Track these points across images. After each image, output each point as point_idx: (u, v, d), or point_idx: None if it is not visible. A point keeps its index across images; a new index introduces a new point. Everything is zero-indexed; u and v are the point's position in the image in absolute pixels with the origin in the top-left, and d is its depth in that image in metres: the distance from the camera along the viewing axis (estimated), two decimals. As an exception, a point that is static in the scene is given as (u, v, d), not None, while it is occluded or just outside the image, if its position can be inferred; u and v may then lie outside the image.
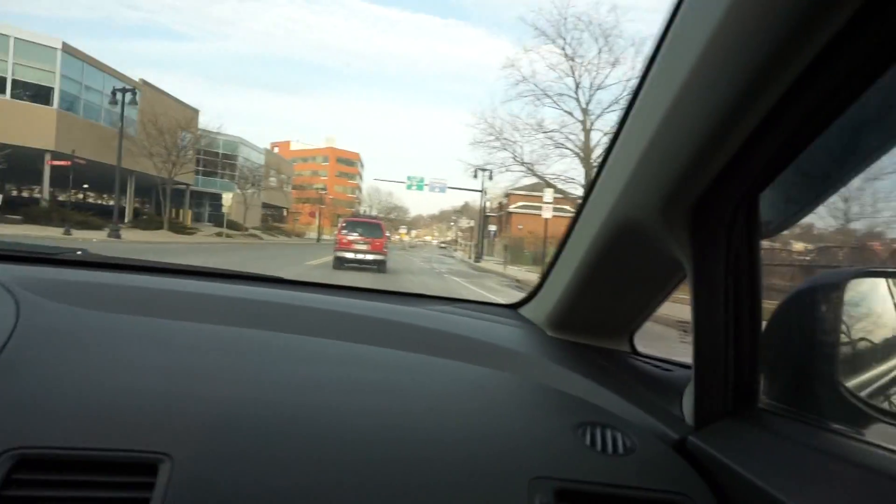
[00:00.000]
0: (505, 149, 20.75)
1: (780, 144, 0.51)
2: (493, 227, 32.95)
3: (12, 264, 0.81)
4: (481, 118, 23.26)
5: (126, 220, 24.33)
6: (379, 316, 0.84)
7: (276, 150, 72.04)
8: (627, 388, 0.73)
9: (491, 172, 25.31)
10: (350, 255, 12.34)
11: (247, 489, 0.47)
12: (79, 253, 0.96)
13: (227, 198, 27.02)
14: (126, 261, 0.96)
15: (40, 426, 0.48)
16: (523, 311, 1.03)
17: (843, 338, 0.58)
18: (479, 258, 27.32)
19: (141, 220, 24.42)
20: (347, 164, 78.31)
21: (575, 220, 0.81)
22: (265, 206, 42.26)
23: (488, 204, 29.78)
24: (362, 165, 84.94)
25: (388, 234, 14.82)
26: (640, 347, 0.91)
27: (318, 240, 39.61)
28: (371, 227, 13.19)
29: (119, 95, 18.95)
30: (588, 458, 0.59)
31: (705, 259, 0.60)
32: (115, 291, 0.76)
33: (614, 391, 0.71)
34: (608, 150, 0.69)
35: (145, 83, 26.03)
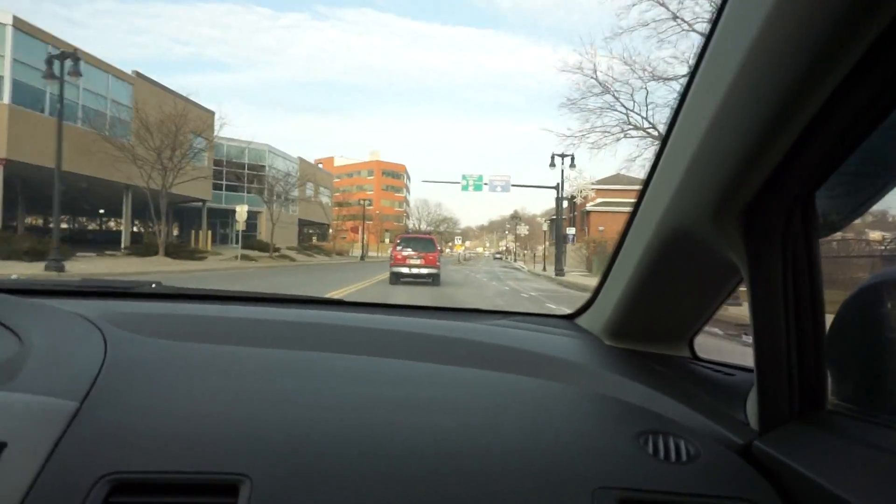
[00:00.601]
0: (613, 107, 14.11)
1: (834, 139, 0.50)
2: (570, 231, 26.00)
3: (95, 300, 0.89)
4: (579, 64, 14.49)
5: (123, 246, 20.92)
6: (435, 333, 0.86)
7: (320, 166, 69.15)
8: (689, 394, 0.72)
9: (573, 158, 19.15)
10: (405, 270, 12.64)
11: None
12: (153, 286, 1.03)
13: (241, 212, 22.75)
14: (197, 291, 1.05)
15: (131, 453, 0.53)
16: (580, 321, 1.03)
17: None
18: (560, 270, 21.10)
19: (140, 245, 19.93)
20: (393, 176, 75.94)
21: (627, 228, 0.80)
22: (302, 222, 38.89)
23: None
24: (408, 178, 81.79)
25: (439, 247, 15.09)
26: (701, 353, 0.89)
27: (363, 257, 37.17)
28: (424, 243, 13.49)
29: (56, 65, 11.94)
30: (651, 466, 0.58)
31: (761, 261, 0.59)
32: (189, 321, 0.82)
33: (675, 398, 0.70)
34: (658, 157, 0.68)
35: (139, 75, 21.58)
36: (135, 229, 26.98)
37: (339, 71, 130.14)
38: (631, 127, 14.53)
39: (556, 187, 21.62)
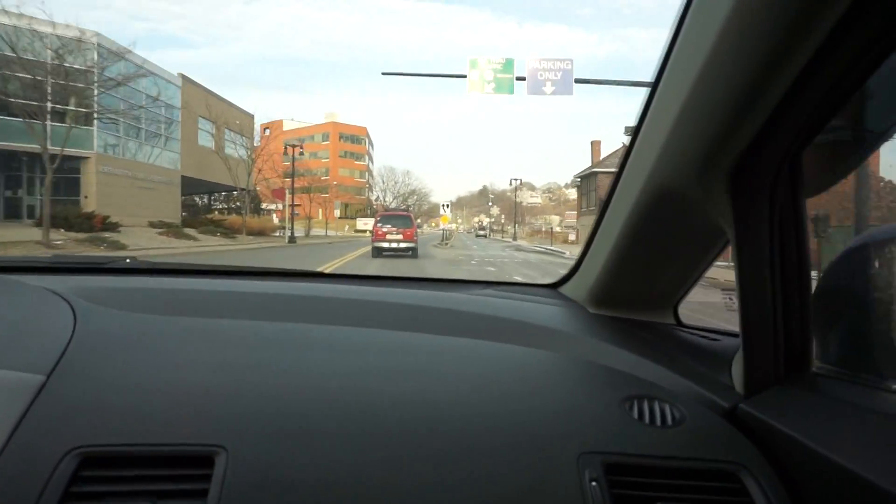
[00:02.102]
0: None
1: (821, 97, 0.53)
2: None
3: (67, 275, 0.92)
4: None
5: None
6: (419, 303, 0.91)
7: (266, 132, 66.84)
8: (674, 359, 0.77)
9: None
10: (386, 245, 15.19)
11: (299, 473, 0.55)
12: (127, 261, 1.08)
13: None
14: (171, 265, 1.10)
15: (102, 425, 0.56)
16: (564, 289, 1.10)
17: None
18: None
19: None
20: (352, 141, 69.19)
21: (612, 192, 0.84)
22: (192, 183, 28.37)
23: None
24: (371, 144, 74.85)
25: (415, 224, 17.20)
26: (685, 318, 0.96)
27: (292, 239, 25.43)
28: (402, 219, 16.03)
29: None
30: (637, 431, 0.63)
31: (748, 223, 0.63)
32: (163, 295, 0.86)
33: (660, 363, 0.76)
34: (642, 116, 0.71)
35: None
36: None
37: (303, 47, 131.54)
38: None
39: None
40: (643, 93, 0.72)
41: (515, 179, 44.99)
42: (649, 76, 0.68)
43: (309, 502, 0.53)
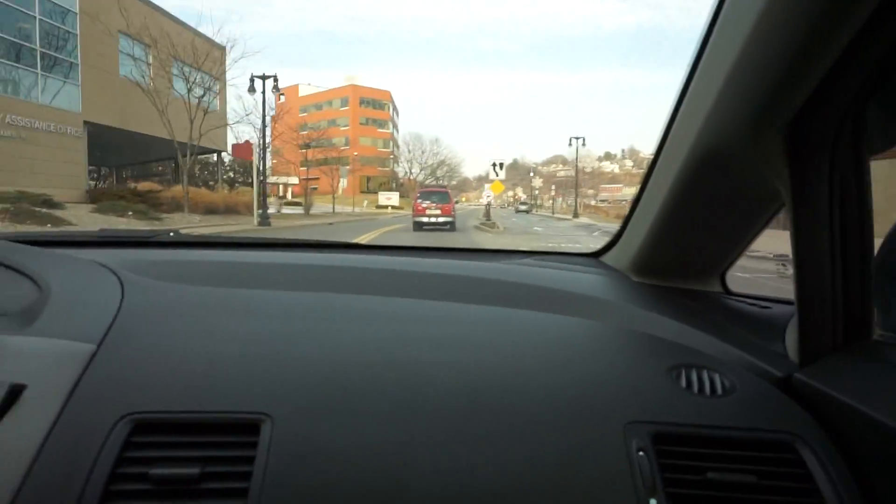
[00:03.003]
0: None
1: (888, 48, 0.52)
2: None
3: (114, 249, 1.01)
4: None
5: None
6: (459, 273, 0.95)
7: (282, 97, 67.10)
8: (722, 328, 0.79)
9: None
10: (426, 219, 17.39)
11: (342, 442, 0.58)
12: (171, 234, 1.18)
13: None
14: (214, 237, 1.18)
15: (151, 393, 0.61)
16: (606, 258, 1.13)
17: None
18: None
19: None
20: (375, 106, 65.96)
21: (657, 155, 0.85)
22: (117, 138, 20.33)
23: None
24: (395, 110, 71.17)
25: (453, 199, 19.81)
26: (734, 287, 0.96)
27: (264, 220, 17.55)
28: (440, 195, 18.42)
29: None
30: (685, 400, 0.65)
31: (806, 184, 0.63)
32: (207, 267, 0.93)
33: (708, 332, 0.77)
34: (691, 73, 0.71)
35: None
36: None
37: (331, 21, 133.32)
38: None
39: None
40: (681, 65, 0.71)
41: (577, 138, 36.70)
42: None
43: (354, 472, 0.56)
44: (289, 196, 54.00)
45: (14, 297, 0.76)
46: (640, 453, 0.59)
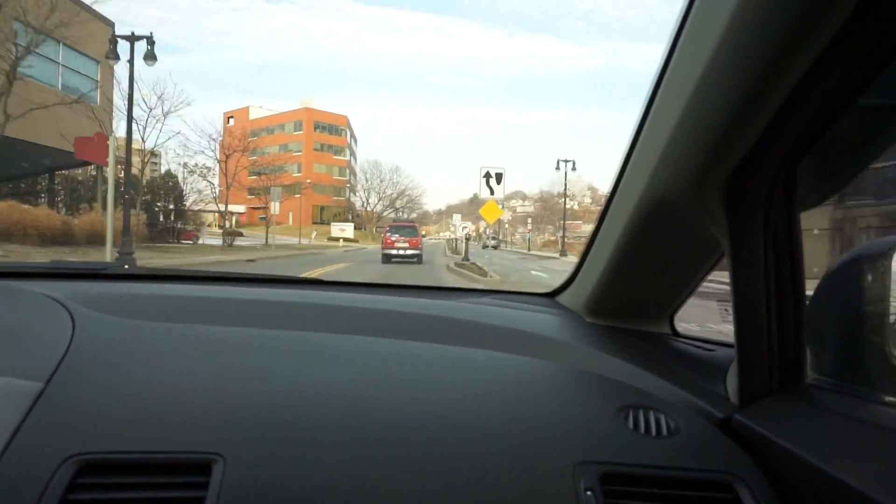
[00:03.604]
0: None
1: (816, 111, 0.59)
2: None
3: (65, 281, 1.00)
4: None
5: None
6: (415, 311, 0.99)
7: (230, 120, 66.42)
8: (669, 369, 0.84)
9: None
10: (394, 252, 18.81)
11: (296, 481, 0.59)
12: (126, 267, 1.22)
13: None
14: (168, 271, 1.23)
15: (100, 432, 0.61)
16: (560, 298, 1.20)
17: (893, 307, 0.65)
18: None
19: None
20: (331, 131, 65.06)
21: (610, 200, 0.91)
22: None
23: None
24: (353, 137, 70.76)
25: (422, 233, 21.64)
26: (681, 329, 1.04)
27: (125, 255, 11.98)
28: (408, 230, 20.08)
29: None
30: (632, 441, 0.70)
31: (743, 235, 0.69)
32: (161, 301, 0.94)
33: (656, 373, 0.82)
34: (639, 128, 0.78)
35: None
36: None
37: (294, 55, 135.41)
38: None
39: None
40: (638, 106, 0.77)
41: (565, 161, 31.89)
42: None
43: None
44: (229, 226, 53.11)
45: None
46: (588, 493, 0.62)
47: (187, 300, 0.98)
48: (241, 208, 58.80)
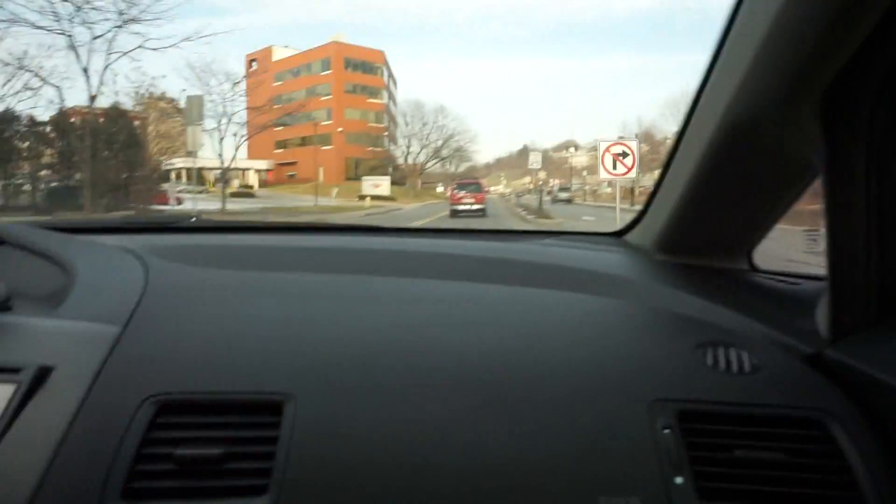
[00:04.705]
0: None
1: None
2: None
3: (140, 234, 1.11)
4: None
5: None
6: (480, 254, 1.03)
7: (253, 64, 62.61)
8: (750, 305, 0.85)
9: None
10: (461, 207, 22.65)
11: (365, 421, 0.64)
12: (193, 220, 1.30)
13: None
14: (235, 223, 1.41)
15: (175, 374, 0.68)
16: (629, 237, 1.21)
17: None
18: None
19: None
20: (364, 69, 56.76)
21: (684, 129, 0.91)
22: None
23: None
24: (392, 78, 61.74)
25: (485, 189, 25.99)
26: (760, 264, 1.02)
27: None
28: (475, 185, 24.46)
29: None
30: (712, 378, 0.70)
31: (842, 154, 0.67)
32: (229, 251, 1.03)
33: (736, 310, 0.83)
34: (722, 39, 0.75)
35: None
36: None
37: (338, 6, 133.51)
38: None
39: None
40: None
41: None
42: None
43: (377, 450, 0.62)
44: (256, 184, 49.42)
45: (42, 281, 0.86)
46: (666, 431, 0.64)
47: (255, 249, 1.05)
48: (263, 164, 54.99)
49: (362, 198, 38.06)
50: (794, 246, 1.02)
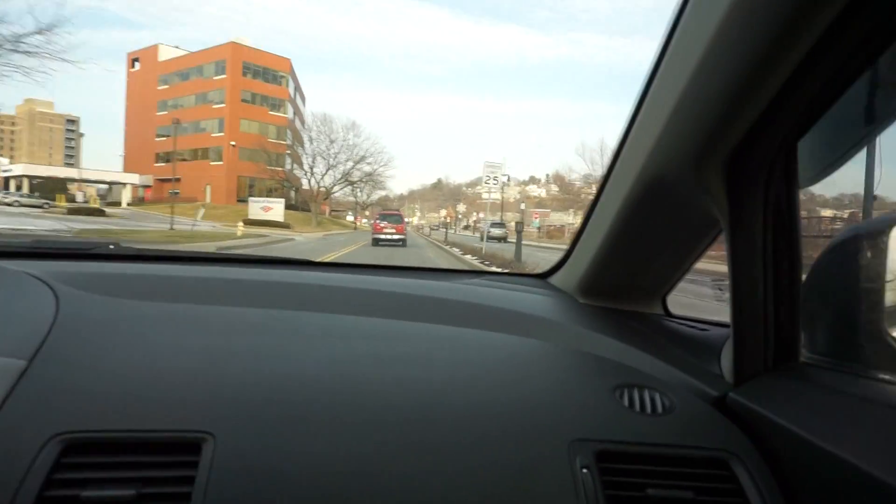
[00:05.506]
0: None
1: (819, 88, 0.65)
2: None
3: (50, 261, 1.06)
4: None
5: None
6: (409, 292, 1.07)
7: (135, 64, 57.39)
8: (663, 349, 0.93)
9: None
10: (383, 236, 24.86)
11: (287, 459, 0.64)
12: (111, 247, 1.23)
13: None
14: (155, 252, 1.27)
15: (85, 411, 0.65)
16: (553, 279, 1.29)
17: (889, 285, 0.73)
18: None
19: None
20: (266, 77, 52.96)
21: (605, 182, 0.99)
22: None
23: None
24: (298, 91, 59.51)
25: (405, 220, 28.07)
26: (673, 310, 1.11)
27: None
28: (395, 217, 26.89)
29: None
30: (627, 419, 0.77)
31: (742, 213, 0.76)
32: (148, 281, 0.99)
33: (650, 353, 0.91)
34: (638, 105, 0.84)
35: None
36: None
37: (255, 35, 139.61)
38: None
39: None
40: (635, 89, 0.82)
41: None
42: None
43: (297, 490, 0.63)
44: (124, 202, 44.38)
45: None
46: (584, 470, 0.69)
47: (174, 280, 1.02)
48: (136, 179, 49.87)
49: (251, 222, 33.20)
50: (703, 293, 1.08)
